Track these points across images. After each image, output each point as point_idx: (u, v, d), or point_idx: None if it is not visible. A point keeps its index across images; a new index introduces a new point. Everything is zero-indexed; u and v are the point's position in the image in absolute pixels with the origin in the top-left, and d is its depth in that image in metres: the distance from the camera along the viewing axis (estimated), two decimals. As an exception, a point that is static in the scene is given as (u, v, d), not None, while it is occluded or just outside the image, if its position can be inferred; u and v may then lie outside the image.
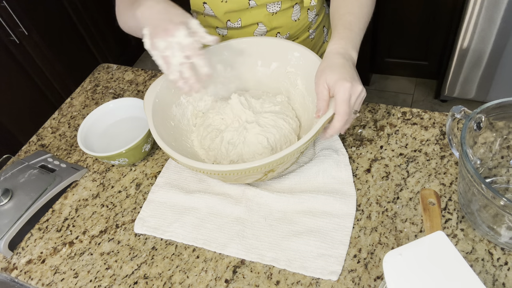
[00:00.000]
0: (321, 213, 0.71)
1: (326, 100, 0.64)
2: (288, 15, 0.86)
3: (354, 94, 0.62)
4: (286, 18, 0.87)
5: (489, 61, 1.71)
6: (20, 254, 0.78)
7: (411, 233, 0.67)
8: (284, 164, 0.65)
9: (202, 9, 0.84)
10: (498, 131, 0.66)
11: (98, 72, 1.15)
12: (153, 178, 0.84)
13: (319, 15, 0.95)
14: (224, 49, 0.82)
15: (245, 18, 0.85)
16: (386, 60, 2.16)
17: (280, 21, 0.87)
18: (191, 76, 0.63)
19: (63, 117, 1.04)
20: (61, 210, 0.83)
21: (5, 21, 1.77)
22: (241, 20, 0.85)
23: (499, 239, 0.61)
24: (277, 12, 0.85)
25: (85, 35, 2.25)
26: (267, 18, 0.86)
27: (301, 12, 0.88)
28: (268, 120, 0.76)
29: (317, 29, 0.96)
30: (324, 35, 1.00)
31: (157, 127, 0.71)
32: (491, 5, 1.52)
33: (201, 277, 0.68)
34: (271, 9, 0.84)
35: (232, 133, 0.76)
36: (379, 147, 0.79)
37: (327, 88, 0.63)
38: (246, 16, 0.85)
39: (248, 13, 0.84)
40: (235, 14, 0.84)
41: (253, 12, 0.84)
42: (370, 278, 0.63)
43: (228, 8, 0.82)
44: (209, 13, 0.85)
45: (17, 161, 0.88)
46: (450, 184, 0.71)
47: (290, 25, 0.88)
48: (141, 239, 0.75)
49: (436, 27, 1.86)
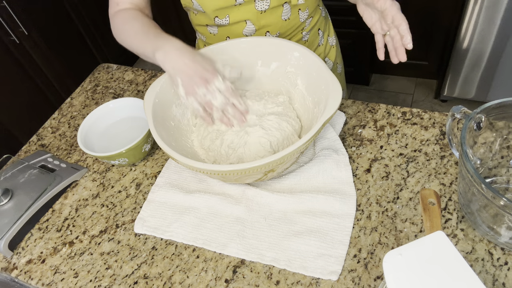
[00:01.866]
0: (321, 213, 0.71)
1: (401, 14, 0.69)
2: (278, 14, 0.86)
3: None
4: (276, 17, 0.87)
5: (489, 61, 1.71)
6: (20, 254, 0.78)
7: (411, 233, 0.67)
8: (284, 164, 0.65)
9: (191, 4, 0.84)
10: (498, 131, 0.66)
11: (98, 72, 1.15)
12: (153, 178, 0.84)
13: (313, 17, 0.95)
14: (224, 49, 0.82)
15: (233, 15, 0.85)
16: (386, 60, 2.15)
17: (269, 20, 0.87)
18: (236, 111, 0.73)
19: (63, 117, 1.04)
20: (61, 210, 0.83)
21: (5, 21, 1.77)
22: (229, 16, 0.85)
23: (499, 239, 0.61)
24: (265, 10, 0.85)
25: (85, 35, 2.25)
26: (256, 16, 0.85)
27: (292, 12, 0.88)
28: (272, 122, 0.76)
29: (311, 31, 0.96)
30: (319, 37, 1.00)
31: (157, 127, 0.71)
32: (491, 5, 1.53)
33: (201, 277, 0.68)
34: (260, 7, 0.84)
35: (232, 137, 0.76)
36: (379, 147, 0.80)
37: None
38: (234, 13, 0.85)
39: (236, 10, 0.84)
40: (223, 10, 0.84)
41: (241, 9, 0.84)
42: (370, 278, 0.63)
43: (216, 5, 0.82)
44: (198, 9, 0.85)
45: (17, 161, 0.88)
46: (450, 184, 0.71)
47: (280, 24, 0.88)
48: (141, 239, 0.75)
49: (436, 27, 1.86)
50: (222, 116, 0.73)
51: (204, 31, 0.93)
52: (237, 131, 0.76)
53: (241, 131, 0.76)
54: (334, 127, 0.83)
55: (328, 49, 1.04)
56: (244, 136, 0.75)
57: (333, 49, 1.06)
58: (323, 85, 0.71)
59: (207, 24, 0.90)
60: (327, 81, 0.70)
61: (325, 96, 0.69)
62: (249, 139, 0.75)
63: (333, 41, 1.06)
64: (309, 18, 0.93)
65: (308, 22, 0.93)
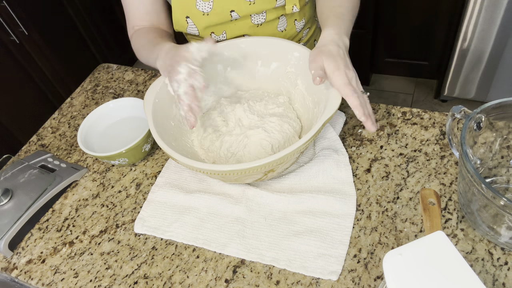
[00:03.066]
0: (321, 213, 0.71)
1: (322, 72, 0.66)
2: (274, 26, 0.86)
3: (352, 79, 0.65)
4: (272, 29, 0.87)
5: (489, 61, 1.71)
6: (20, 254, 0.78)
7: (411, 233, 0.67)
8: (284, 164, 0.65)
9: (185, 26, 0.85)
10: (498, 131, 0.66)
11: (98, 72, 1.15)
12: (153, 178, 0.84)
13: (310, 28, 0.95)
14: (224, 49, 0.82)
15: (230, 31, 0.86)
16: (386, 60, 2.16)
17: (266, 33, 0.87)
18: (188, 111, 0.67)
19: (63, 117, 1.04)
20: (61, 210, 0.83)
21: (5, 21, 1.77)
22: (226, 32, 0.86)
23: (499, 239, 0.61)
24: (262, 23, 0.85)
25: (85, 35, 2.25)
26: (252, 30, 0.86)
27: (288, 23, 0.88)
28: (274, 124, 0.76)
29: (307, 42, 0.96)
30: None
31: (157, 127, 0.71)
32: (491, 5, 1.53)
33: (201, 277, 0.68)
34: (256, 20, 0.84)
35: (231, 140, 0.76)
36: (379, 147, 0.80)
37: (323, 71, 0.66)
38: (230, 29, 0.85)
39: (232, 26, 0.85)
40: (219, 26, 0.84)
41: (237, 24, 0.84)
42: (370, 278, 0.63)
43: (210, 21, 0.83)
44: (191, 32, 0.86)
45: (17, 161, 0.88)
46: (450, 184, 0.71)
47: (276, 36, 0.88)
48: (141, 239, 0.75)
49: (436, 27, 1.87)
50: (187, 112, 0.68)
51: None
52: (237, 134, 0.76)
53: (241, 135, 0.76)
54: (334, 127, 0.83)
55: None
56: (243, 140, 0.75)
57: None
58: (323, 85, 0.71)
59: None
60: (327, 81, 0.70)
61: (325, 96, 0.69)
62: (250, 141, 0.75)
63: None
64: (306, 29, 0.93)
65: (305, 33, 0.94)
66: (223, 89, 0.86)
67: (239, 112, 0.79)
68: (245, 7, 0.81)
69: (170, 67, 0.69)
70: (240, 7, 0.81)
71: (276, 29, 0.87)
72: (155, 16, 0.87)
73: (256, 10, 0.81)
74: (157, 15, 0.87)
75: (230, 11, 0.81)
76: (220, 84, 0.86)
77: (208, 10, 0.81)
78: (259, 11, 0.82)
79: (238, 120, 0.78)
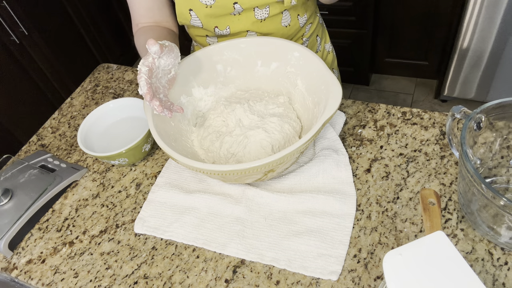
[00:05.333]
0: (321, 213, 0.71)
1: None
2: (278, 21, 0.86)
3: None
4: (276, 24, 0.86)
5: (489, 61, 1.71)
6: (20, 254, 0.78)
7: (411, 233, 0.67)
8: (284, 164, 0.65)
9: (189, 18, 0.84)
10: (498, 131, 0.66)
11: (98, 72, 1.15)
12: (153, 178, 0.84)
13: (312, 23, 0.95)
14: (224, 49, 0.82)
15: (234, 26, 0.85)
16: (386, 60, 2.16)
17: (270, 28, 0.87)
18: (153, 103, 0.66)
19: (63, 117, 1.04)
20: (61, 210, 0.83)
21: (5, 21, 1.77)
22: (230, 27, 0.85)
23: (499, 239, 0.61)
24: (265, 18, 0.84)
25: (85, 35, 2.25)
26: (256, 25, 0.85)
27: (292, 18, 0.87)
28: (274, 125, 0.76)
29: (310, 37, 0.96)
30: (317, 44, 1.00)
31: (157, 127, 0.71)
32: (491, 5, 1.53)
33: (201, 277, 0.68)
34: (259, 15, 0.84)
35: (231, 140, 0.76)
36: (379, 147, 0.80)
37: None
38: (234, 24, 0.85)
39: (236, 21, 0.84)
40: (222, 21, 0.84)
41: (241, 19, 0.84)
42: (370, 278, 0.63)
43: (213, 13, 0.82)
44: (195, 24, 0.86)
45: (17, 161, 0.88)
46: (450, 184, 0.71)
47: (281, 31, 0.88)
48: (141, 239, 0.75)
49: (436, 27, 1.86)
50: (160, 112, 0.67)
51: (203, 41, 0.93)
52: (237, 135, 0.76)
53: (241, 135, 0.76)
54: (334, 127, 0.83)
55: (325, 55, 1.05)
56: (243, 141, 0.75)
57: (329, 55, 1.07)
58: (323, 85, 0.71)
59: (207, 35, 0.90)
60: (327, 81, 0.70)
61: (325, 96, 0.69)
62: (250, 141, 0.75)
63: (330, 47, 1.07)
64: (308, 24, 0.93)
65: (308, 28, 0.94)
66: (223, 89, 0.86)
67: (239, 112, 0.79)
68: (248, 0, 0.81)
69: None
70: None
71: (280, 24, 0.87)
72: (158, 12, 0.86)
73: (258, 2, 0.81)
74: (159, 11, 0.86)
75: (233, 3, 0.80)
76: (220, 84, 0.86)
77: (211, 3, 0.80)
78: (262, 4, 0.82)
79: (238, 121, 0.78)
